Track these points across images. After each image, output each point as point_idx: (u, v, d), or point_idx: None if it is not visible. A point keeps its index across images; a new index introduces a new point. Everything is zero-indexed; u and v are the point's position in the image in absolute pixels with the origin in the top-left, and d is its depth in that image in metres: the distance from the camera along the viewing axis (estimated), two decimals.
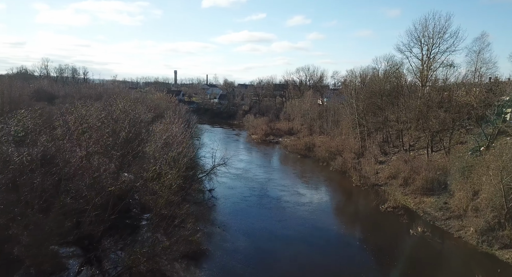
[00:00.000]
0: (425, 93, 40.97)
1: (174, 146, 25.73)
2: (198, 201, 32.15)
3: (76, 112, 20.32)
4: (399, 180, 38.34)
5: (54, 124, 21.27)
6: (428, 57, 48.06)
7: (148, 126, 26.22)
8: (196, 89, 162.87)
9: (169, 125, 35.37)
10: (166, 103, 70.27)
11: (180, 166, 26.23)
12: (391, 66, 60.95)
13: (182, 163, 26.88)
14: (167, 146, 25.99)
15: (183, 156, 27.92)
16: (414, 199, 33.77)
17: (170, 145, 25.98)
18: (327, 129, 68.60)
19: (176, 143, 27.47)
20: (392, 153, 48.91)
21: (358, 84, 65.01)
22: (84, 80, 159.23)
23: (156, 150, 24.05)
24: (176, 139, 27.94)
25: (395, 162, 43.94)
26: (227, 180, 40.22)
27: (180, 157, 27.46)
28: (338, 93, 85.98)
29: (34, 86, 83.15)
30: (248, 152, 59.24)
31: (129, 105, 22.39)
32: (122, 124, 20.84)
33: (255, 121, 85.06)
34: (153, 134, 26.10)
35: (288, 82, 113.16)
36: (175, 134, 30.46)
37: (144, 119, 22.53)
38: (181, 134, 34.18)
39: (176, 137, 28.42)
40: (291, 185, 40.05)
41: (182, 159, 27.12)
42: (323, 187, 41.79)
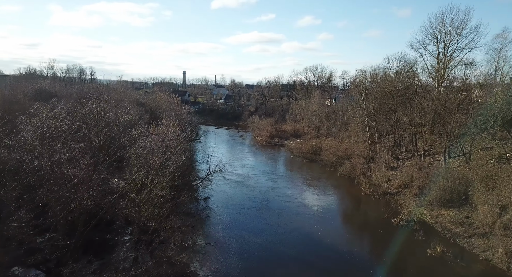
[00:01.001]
0: (442, 93, 37.36)
1: (159, 152, 22.79)
2: (190, 212, 29.19)
3: (38, 115, 17.54)
4: (413, 189, 34.87)
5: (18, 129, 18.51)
6: (445, 55, 44.54)
7: (130, 130, 23.36)
8: (203, 89, 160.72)
9: (160, 128, 32.56)
10: (167, 104, 67.60)
11: (166, 174, 23.34)
12: (403, 65, 57.41)
13: (169, 171, 23.98)
14: (154, 152, 23.10)
15: (173, 162, 25.04)
16: (431, 211, 30.32)
17: (157, 151, 23.08)
18: (335, 132, 65.22)
19: (164, 148, 24.55)
20: (405, 158, 45.38)
21: (368, 84, 61.57)
22: (91, 80, 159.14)
23: (139, 157, 21.18)
24: (164, 144, 25.03)
25: (408, 168, 40.43)
26: (225, 188, 37.23)
27: (169, 163, 24.58)
28: (347, 94, 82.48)
29: (35, 86, 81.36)
30: (251, 156, 56.17)
31: (102, 106, 19.49)
32: (93, 128, 18.01)
33: (260, 123, 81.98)
34: (139, 138, 23.23)
35: (296, 82, 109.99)
36: (163, 138, 27.60)
37: (122, 122, 19.65)
38: (174, 137, 31.34)
39: (164, 141, 25.52)
40: (294, 195, 36.70)
41: (171, 166, 24.22)
42: (330, 196, 38.32)
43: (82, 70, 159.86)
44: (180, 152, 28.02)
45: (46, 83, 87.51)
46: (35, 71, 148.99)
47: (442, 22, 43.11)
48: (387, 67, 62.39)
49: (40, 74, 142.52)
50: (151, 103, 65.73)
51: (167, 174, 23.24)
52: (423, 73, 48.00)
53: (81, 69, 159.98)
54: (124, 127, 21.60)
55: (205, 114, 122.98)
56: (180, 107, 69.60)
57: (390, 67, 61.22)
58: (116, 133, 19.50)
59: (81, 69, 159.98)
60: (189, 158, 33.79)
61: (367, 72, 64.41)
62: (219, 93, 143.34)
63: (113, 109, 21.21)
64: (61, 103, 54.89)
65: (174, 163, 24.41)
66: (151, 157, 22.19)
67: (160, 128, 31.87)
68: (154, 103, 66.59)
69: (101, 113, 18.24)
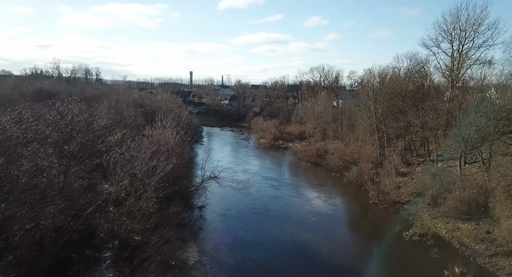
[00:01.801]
0: (457, 94, 34.50)
1: (145, 159, 20.47)
2: (182, 223, 26.90)
3: None
4: (426, 198, 32.10)
5: None
6: (460, 53, 41.54)
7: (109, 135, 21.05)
8: (209, 90, 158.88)
9: (153, 132, 30.34)
10: (168, 105, 65.49)
11: (152, 184, 21.02)
12: (414, 65, 54.45)
13: (155, 180, 21.67)
14: (136, 160, 20.80)
15: (161, 170, 22.73)
16: (446, 224, 27.52)
17: (141, 158, 20.78)
18: (342, 134, 62.45)
19: (150, 154, 22.26)
20: (416, 163, 42.52)
21: (376, 85, 58.79)
22: (96, 80, 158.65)
23: (119, 166, 18.88)
24: (150, 150, 22.73)
25: (420, 175, 37.63)
26: (223, 195, 34.72)
27: (156, 171, 22.28)
28: (355, 95, 79.61)
29: (35, 86, 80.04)
30: (254, 160, 53.58)
31: (71, 109, 17.17)
32: (62, 134, 15.72)
33: (264, 124, 79.49)
34: (119, 144, 20.92)
35: (302, 82, 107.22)
36: (154, 142, 25.34)
37: (98, 126, 17.34)
38: (166, 142, 29.07)
39: (151, 147, 23.23)
40: (297, 205, 33.77)
41: (158, 175, 21.92)
42: (335, 206, 35.24)
43: (88, 71, 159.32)
44: (172, 157, 25.73)
45: (46, 83, 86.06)
46: (42, 72, 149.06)
47: (457, 18, 40.21)
48: (397, 66, 59.47)
49: (46, 75, 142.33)
50: (151, 104, 63.71)
51: (152, 184, 20.90)
52: (436, 72, 45.04)
53: (87, 70, 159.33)
54: (100, 133, 19.29)
55: (209, 115, 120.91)
56: (181, 108, 67.44)
57: (400, 67, 58.31)
58: (91, 139, 17.19)
59: (87, 70, 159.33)
60: (185, 163, 31.48)
61: (375, 71, 61.71)
62: (224, 93, 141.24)
63: (86, 112, 18.92)
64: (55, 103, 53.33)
65: (162, 171, 22.08)
66: (132, 166, 19.89)
67: (153, 132, 29.62)
68: (154, 104, 64.57)
69: (71, 116, 15.91)
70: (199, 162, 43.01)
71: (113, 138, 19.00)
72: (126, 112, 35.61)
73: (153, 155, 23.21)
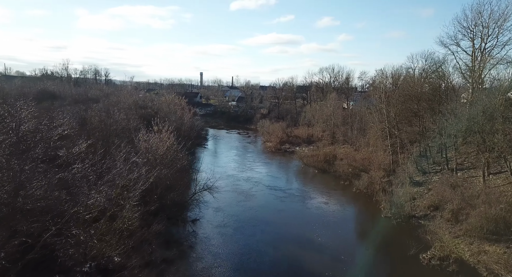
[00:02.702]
0: (483, 97, 31.02)
1: (111, 175, 17.72)
2: (172, 239, 24.15)
3: None
4: (446, 213, 28.74)
5: None
6: (482, 52, 37.95)
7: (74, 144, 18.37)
8: (216, 91, 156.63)
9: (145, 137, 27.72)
10: (171, 107, 63.10)
11: (128, 200, 18.33)
12: (430, 65, 50.98)
13: (134, 195, 18.96)
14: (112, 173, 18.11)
15: (142, 183, 20.02)
16: (470, 246, 24.15)
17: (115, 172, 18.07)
18: (352, 138, 59.08)
19: (129, 164, 19.56)
20: (433, 172, 39.04)
21: (389, 86, 55.32)
22: (105, 81, 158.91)
23: (85, 181, 16.20)
24: (131, 160, 20.02)
25: (437, 185, 34.19)
26: (221, 207, 31.69)
27: (139, 185, 19.57)
28: (366, 96, 76.10)
29: (38, 87, 78.79)
30: (258, 166, 50.43)
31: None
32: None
33: (271, 127, 76.47)
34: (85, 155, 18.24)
35: (312, 83, 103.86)
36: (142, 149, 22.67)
37: (53, 134, 14.60)
38: (155, 148, 26.42)
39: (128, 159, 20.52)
40: (301, 220, 30.37)
41: (138, 189, 19.21)
42: (343, 221, 31.67)
43: (97, 71, 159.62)
44: (157, 167, 23.04)
45: (50, 84, 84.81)
46: (52, 73, 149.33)
47: (479, 13, 36.67)
48: (411, 66, 56.02)
49: (56, 76, 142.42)
50: (152, 105, 61.35)
51: (130, 200, 18.20)
52: (456, 73, 41.45)
53: (96, 70, 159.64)
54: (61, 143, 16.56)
55: (216, 117, 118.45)
56: (184, 110, 65.02)
57: (415, 67, 54.85)
58: (49, 148, 14.52)
59: (96, 70, 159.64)
60: (178, 172, 28.72)
61: (388, 72, 58.22)
62: (231, 94, 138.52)
63: (44, 118, 16.27)
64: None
65: (142, 185, 19.37)
66: (107, 179, 17.21)
67: (141, 138, 26.98)
68: (155, 106, 62.23)
69: (17, 123, 13.23)
70: (198, 169, 40.40)
71: (78, 148, 16.31)
72: (118, 116, 33.03)
73: (135, 166, 20.52)
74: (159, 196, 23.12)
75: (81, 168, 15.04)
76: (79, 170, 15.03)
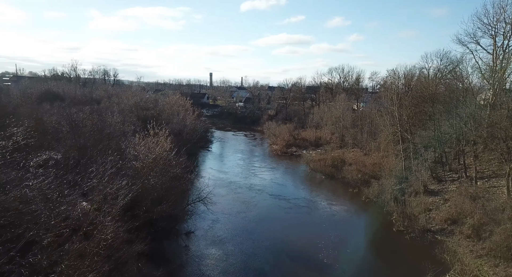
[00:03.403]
0: (507, 100, 28.15)
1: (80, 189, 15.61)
2: (162, 254, 21.97)
3: None
4: (465, 228, 25.98)
5: None
6: (504, 50, 34.99)
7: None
8: (224, 91, 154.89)
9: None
10: (174, 108, 61.18)
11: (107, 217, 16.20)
12: (446, 64, 47.95)
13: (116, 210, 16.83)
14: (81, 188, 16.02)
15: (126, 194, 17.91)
16: (495, 269, 21.40)
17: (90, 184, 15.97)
18: (361, 142, 56.30)
19: (111, 175, 17.45)
20: (449, 180, 36.16)
21: (401, 87, 52.44)
22: (114, 81, 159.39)
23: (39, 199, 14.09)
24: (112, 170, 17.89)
25: (455, 195, 31.37)
26: (219, 219, 29.27)
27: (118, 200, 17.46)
28: (377, 97, 73.11)
29: (42, 88, 77.98)
30: (263, 172, 47.79)
31: None
32: None
33: (278, 129, 74.00)
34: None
35: (321, 84, 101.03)
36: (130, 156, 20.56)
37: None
38: (143, 156, 24.30)
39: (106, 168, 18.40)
40: (306, 234, 28.14)
41: (119, 203, 17.09)
42: (352, 234, 28.88)
43: (106, 72, 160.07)
44: (142, 177, 20.91)
45: (54, 85, 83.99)
46: (62, 73, 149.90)
47: (502, 8, 33.72)
48: (425, 66, 52.93)
49: (65, 76, 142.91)
50: (154, 107, 59.57)
51: (108, 217, 16.08)
52: (475, 73, 38.43)
53: (105, 71, 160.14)
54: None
55: (222, 118, 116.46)
56: (187, 112, 63.02)
57: (429, 67, 51.77)
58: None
59: (105, 71, 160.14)
60: (171, 180, 26.54)
61: (400, 72, 55.24)
62: (239, 95, 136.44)
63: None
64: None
65: (123, 199, 17.23)
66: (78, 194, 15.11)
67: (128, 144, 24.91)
68: (158, 108, 60.43)
69: None
70: (197, 175, 38.30)
71: (37, 159, 14.23)
72: (112, 118, 31.09)
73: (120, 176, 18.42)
74: (147, 209, 20.98)
75: (40, 182, 12.90)
76: (37, 185, 12.89)
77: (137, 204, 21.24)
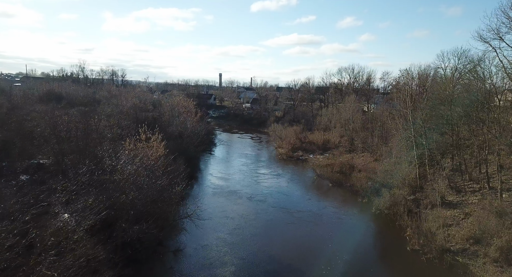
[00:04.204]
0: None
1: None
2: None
3: None
4: (492, 250, 22.67)
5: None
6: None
7: None
8: (231, 92, 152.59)
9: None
10: (175, 110, 58.73)
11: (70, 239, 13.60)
12: (465, 63, 44.26)
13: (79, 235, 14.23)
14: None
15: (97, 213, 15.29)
16: None
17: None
18: (372, 146, 52.98)
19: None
20: (470, 191, 32.72)
21: (415, 88, 49.01)
22: (122, 82, 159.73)
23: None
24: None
25: (477, 210, 28.04)
26: (213, 235, 26.34)
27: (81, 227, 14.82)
28: (388, 99, 69.54)
29: (43, 89, 76.63)
30: (266, 179, 44.31)
31: None
32: None
33: (284, 131, 70.96)
34: None
35: (331, 84, 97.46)
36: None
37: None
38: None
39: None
40: (307, 254, 24.90)
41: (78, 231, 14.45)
42: (359, 255, 25.33)
43: (114, 72, 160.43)
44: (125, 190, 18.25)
45: (56, 85, 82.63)
46: (72, 74, 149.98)
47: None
48: (441, 66, 49.27)
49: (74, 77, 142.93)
50: (153, 109, 57.23)
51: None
52: (499, 73, 34.80)
53: (113, 71, 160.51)
54: None
55: (229, 119, 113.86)
56: (189, 113, 60.50)
57: (446, 66, 48.10)
58: None
59: (113, 71, 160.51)
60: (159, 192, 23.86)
61: (414, 72, 51.70)
62: (246, 96, 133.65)
63: None
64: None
65: (82, 223, 14.57)
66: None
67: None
68: (158, 109, 58.11)
69: None
70: (194, 183, 35.64)
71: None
72: (98, 123, 28.61)
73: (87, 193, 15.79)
74: (125, 228, 18.31)
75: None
76: None
77: (113, 223, 18.58)
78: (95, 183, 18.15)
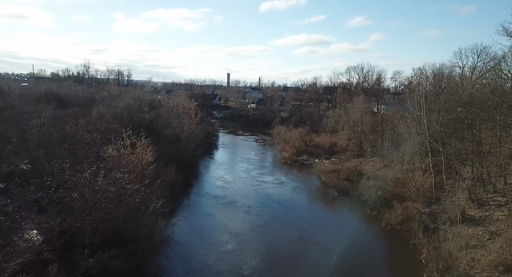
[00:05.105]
0: None
1: None
2: None
3: None
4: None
5: None
6: None
7: None
8: (236, 92, 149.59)
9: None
10: (173, 112, 55.79)
11: None
12: (485, 61, 40.36)
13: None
14: None
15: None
16: None
17: None
18: (382, 151, 49.14)
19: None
20: (494, 204, 28.93)
21: (430, 88, 45.09)
22: (127, 82, 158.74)
23: None
24: None
25: (505, 228, 24.29)
26: (196, 261, 22.90)
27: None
28: (400, 99, 65.60)
29: (41, 89, 74.50)
30: (265, 188, 40.17)
31: None
32: None
33: (288, 134, 67.47)
34: None
35: (339, 84, 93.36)
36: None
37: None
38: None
39: None
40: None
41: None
42: None
43: (120, 72, 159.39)
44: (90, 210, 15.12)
45: (54, 85, 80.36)
46: (79, 73, 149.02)
47: None
48: (458, 64, 45.36)
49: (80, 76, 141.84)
50: (149, 110, 54.27)
51: None
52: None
53: (119, 72, 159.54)
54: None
55: (233, 120, 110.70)
56: (188, 115, 57.54)
57: (464, 65, 44.19)
58: None
59: (119, 72, 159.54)
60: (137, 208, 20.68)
61: (428, 71, 47.83)
62: (251, 96, 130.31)
63: None
64: None
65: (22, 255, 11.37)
66: None
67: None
68: (155, 110, 55.17)
69: None
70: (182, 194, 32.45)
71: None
72: (75, 127, 25.61)
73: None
74: (82, 256, 15.20)
75: None
76: None
77: (68, 250, 15.45)
78: (50, 202, 15.06)
